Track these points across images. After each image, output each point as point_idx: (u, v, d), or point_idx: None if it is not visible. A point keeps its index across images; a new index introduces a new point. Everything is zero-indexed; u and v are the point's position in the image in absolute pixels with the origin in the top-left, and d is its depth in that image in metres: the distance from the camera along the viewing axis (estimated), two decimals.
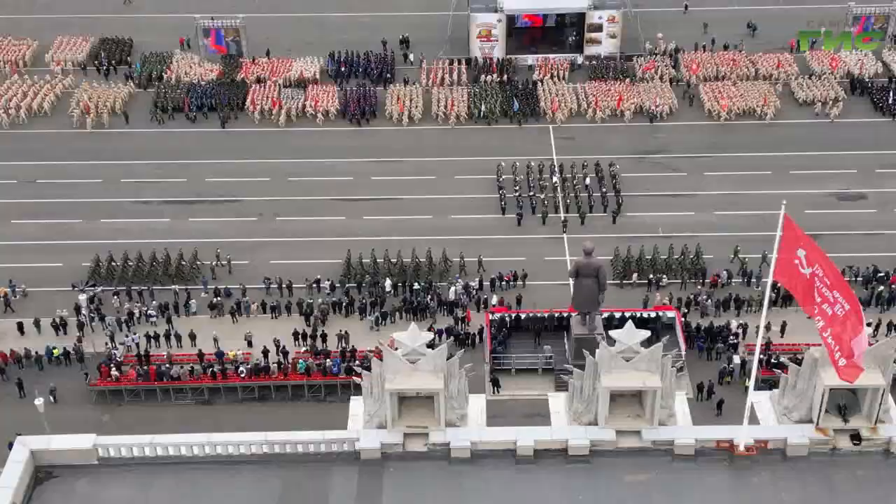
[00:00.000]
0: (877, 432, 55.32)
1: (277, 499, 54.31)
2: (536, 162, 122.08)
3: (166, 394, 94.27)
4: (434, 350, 54.32)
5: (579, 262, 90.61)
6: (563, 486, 55.10)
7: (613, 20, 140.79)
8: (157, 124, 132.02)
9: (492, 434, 56.25)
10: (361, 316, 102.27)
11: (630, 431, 56.05)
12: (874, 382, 53.68)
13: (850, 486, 54.66)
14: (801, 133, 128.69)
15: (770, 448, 55.80)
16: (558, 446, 55.90)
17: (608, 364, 54.39)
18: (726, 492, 54.75)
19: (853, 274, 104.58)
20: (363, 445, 55.41)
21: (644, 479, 55.03)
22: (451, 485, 54.98)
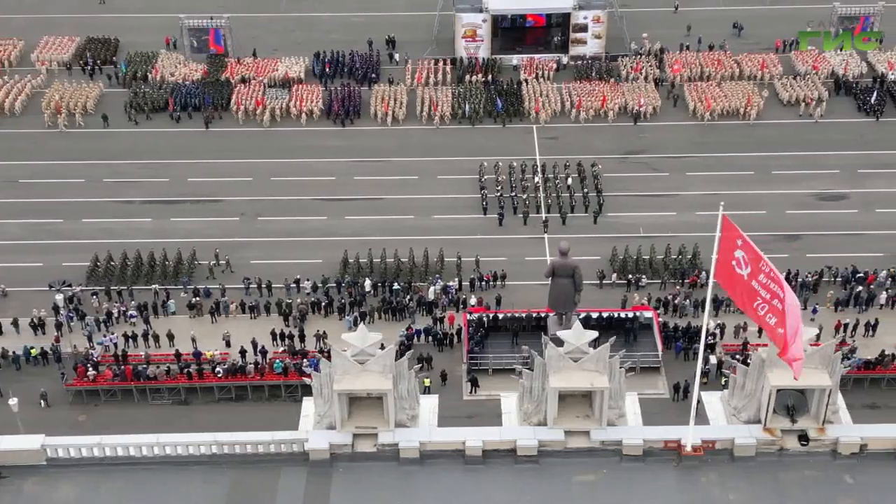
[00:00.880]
0: (824, 433, 55.35)
1: (225, 500, 54.30)
2: (519, 162, 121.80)
3: (143, 394, 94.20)
4: (383, 351, 54.14)
5: (555, 262, 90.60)
6: (511, 487, 55.20)
7: (598, 20, 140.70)
8: (134, 124, 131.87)
9: (440, 435, 56.27)
10: (340, 316, 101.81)
11: (579, 431, 56.05)
12: (820, 383, 53.63)
13: (798, 486, 54.69)
14: (784, 133, 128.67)
15: (718, 448, 55.75)
16: (507, 446, 55.77)
17: (556, 364, 54.35)
18: (674, 492, 54.76)
19: (832, 274, 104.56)
20: (312, 446, 55.46)
21: (592, 479, 55.13)
22: (399, 485, 55.01)
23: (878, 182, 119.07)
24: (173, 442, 55.52)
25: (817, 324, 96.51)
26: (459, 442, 55.85)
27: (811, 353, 53.81)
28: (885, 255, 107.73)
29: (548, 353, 54.91)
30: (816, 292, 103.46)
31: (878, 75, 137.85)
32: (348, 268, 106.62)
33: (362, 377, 54.09)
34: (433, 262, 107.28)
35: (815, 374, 53.72)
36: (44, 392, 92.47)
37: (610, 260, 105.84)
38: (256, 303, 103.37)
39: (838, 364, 54.53)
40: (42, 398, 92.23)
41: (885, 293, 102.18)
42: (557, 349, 54.84)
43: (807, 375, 53.71)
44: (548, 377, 54.91)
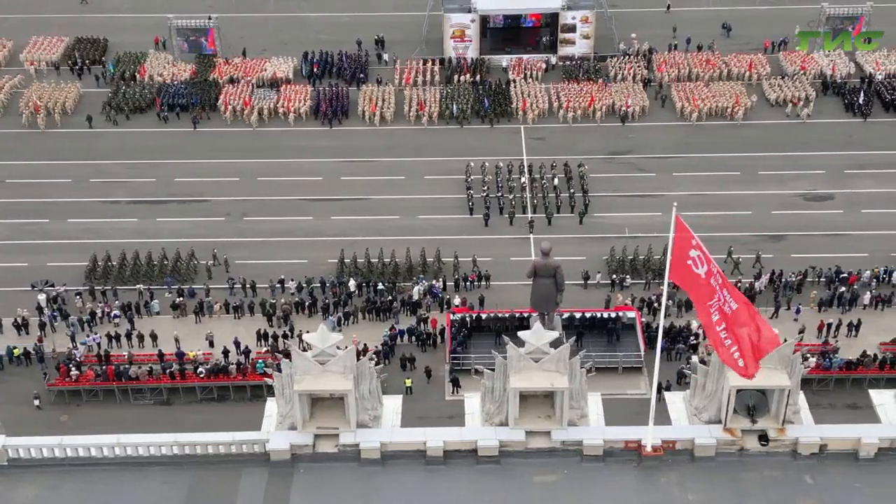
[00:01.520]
0: (784, 433, 55.25)
1: (184, 500, 54.29)
2: (505, 162, 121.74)
3: (125, 394, 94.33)
4: (343, 351, 54.16)
5: (537, 262, 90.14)
6: (472, 487, 55.17)
7: (587, 21, 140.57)
8: (113, 124, 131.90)
9: (402, 435, 56.22)
10: (324, 316, 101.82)
11: (540, 432, 55.97)
12: (780, 383, 53.62)
13: (758, 486, 54.64)
14: (771, 133, 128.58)
15: (679, 448, 55.69)
16: (468, 447, 55.76)
17: (517, 365, 54.36)
18: (634, 492, 54.71)
19: (816, 275, 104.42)
20: (273, 447, 55.41)
21: (553, 479, 55.07)
22: (360, 486, 55.02)
23: (864, 182, 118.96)
24: (134, 443, 55.55)
25: (801, 324, 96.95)
26: (421, 442, 55.71)
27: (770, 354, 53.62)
28: (870, 255, 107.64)
29: (509, 354, 54.86)
30: (800, 292, 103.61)
31: (867, 75, 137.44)
32: (345, 268, 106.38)
33: (323, 378, 54.09)
34: (430, 263, 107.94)
35: (774, 375, 53.66)
36: (37, 393, 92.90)
37: (607, 260, 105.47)
38: (241, 303, 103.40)
39: (798, 364, 54.43)
40: (36, 398, 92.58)
41: (869, 293, 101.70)
42: (518, 350, 54.79)
43: (766, 376, 53.63)
44: (508, 378, 54.70)
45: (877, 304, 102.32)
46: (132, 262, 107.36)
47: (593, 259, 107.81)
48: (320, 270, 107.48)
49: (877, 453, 55.89)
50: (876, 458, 55.89)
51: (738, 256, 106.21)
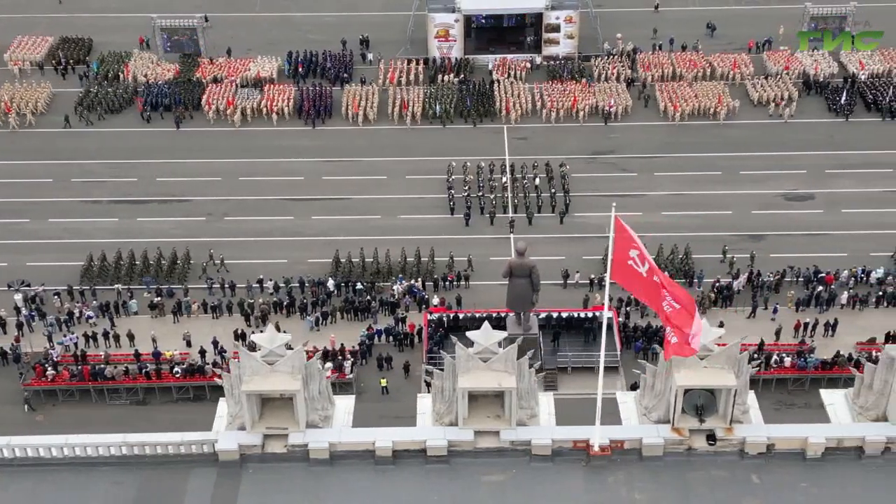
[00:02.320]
0: (732, 433, 55.37)
1: (133, 501, 54.37)
2: (487, 162, 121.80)
3: (101, 394, 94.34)
4: (292, 352, 54.26)
5: (512, 262, 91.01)
6: (420, 487, 55.28)
7: (571, 20, 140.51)
8: (87, 125, 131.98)
9: (351, 435, 56.30)
10: (303, 316, 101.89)
11: (489, 432, 56.03)
12: (726, 383, 53.67)
13: (705, 486, 54.76)
14: (754, 133, 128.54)
15: (627, 448, 55.78)
16: (418, 447, 55.83)
17: (465, 365, 54.44)
18: (582, 492, 54.82)
19: (794, 274, 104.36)
20: (221, 447, 55.50)
21: (501, 479, 55.17)
22: (308, 486, 55.15)
23: (845, 182, 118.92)
24: (82, 443, 55.62)
25: (777, 323, 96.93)
26: (370, 443, 55.78)
27: (717, 354, 53.82)
28: (849, 255, 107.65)
29: (457, 354, 54.94)
30: (778, 292, 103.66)
31: (850, 75, 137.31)
32: (340, 267, 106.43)
33: (271, 378, 54.17)
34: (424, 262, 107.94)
35: (721, 375, 53.72)
36: (27, 396, 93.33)
37: (603, 259, 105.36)
38: (219, 303, 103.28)
39: (745, 364, 54.50)
40: (26, 402, 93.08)
41: (846, 293, 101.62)
42: (466, 350, 54.87)
43: (713, 375, 53.73)
44: (457, 377, 54.77)
45: (854, 303, 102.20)
46: (128, 261, 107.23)
47: (573, 259, 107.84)
48: (300, 270, 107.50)
49: (824, 453, 55.86)
50: (823, 458, 56.00)
51: (732, 256, 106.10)
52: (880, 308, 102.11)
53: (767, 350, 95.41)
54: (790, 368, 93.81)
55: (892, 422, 56.33)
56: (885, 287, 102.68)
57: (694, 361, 53.69)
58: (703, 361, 54.05)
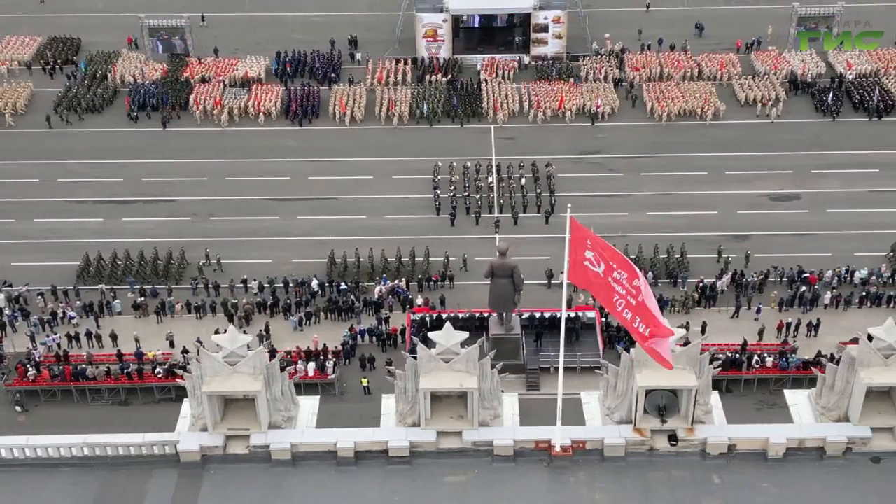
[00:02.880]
0: (693, 433, 55.34)
1: (92, 502, 54.29)
2: (473, 162, 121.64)
3: (83, 394, 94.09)
4: (253, 352, 54.20)
5: (494, 262, 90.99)
6: (382, 488, 55.29)
7: (559, 20, 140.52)
8: (66, 124, 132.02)
9: (313, 436, 56.28)
10: (286, 316, 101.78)
11: (452, 432, 55.98)
12: (687, 383, 53.61)
13: (665, 486, 54.77)
14: (741, 133, 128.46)
15: (589, 448, 55.75)
16: (379, 447, 55.79)
17: (427, 366, 54.41)
18: (543, 492, 54.81)
19: (778, 274, 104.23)
20: (183, 448, 55.46)
21: (463, 479, 55.14)
22: (270, 487, 55.06)
23: (830, 182, 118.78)
24: (43, 444, 55.60)
25: (761, 323, 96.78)
26: (332, 443, 55.73)
27: (678, 354, 53.72)
28: (834, 255, 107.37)
29: (419, 355, 54.91)
30: (762, 292, 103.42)
31: (837, 75, 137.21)
32: (335, 267, 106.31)
33: (232, 379, 54.15)
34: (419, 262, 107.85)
35: (682, 375, 53.63)
36: (18, 398, 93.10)
37: None
38: (203, 303, 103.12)
39: (706, 365, 54.40)
40: (17, 404, 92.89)
41: (830, 293, 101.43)
42: (428, 350, 54.84)
43: (674, 376, 53.67)
44: (419, 378, 54.74)
45: (837, 303, 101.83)
46: (123, 261, 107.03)
47: (558, 259, 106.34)
48: (284, 270, 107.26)
49: (786, 453, 55.79)
50: (784, 459, 55.97)
51: (727, 256, 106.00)
52: (863, 308, 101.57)
53: (750, 350, 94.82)
54: (772, 368, 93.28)
55: (853, 422, 56.24)
56: (868, 287, 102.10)
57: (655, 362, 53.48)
58: None
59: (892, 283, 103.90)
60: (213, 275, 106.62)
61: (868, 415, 56.14)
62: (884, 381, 54.97)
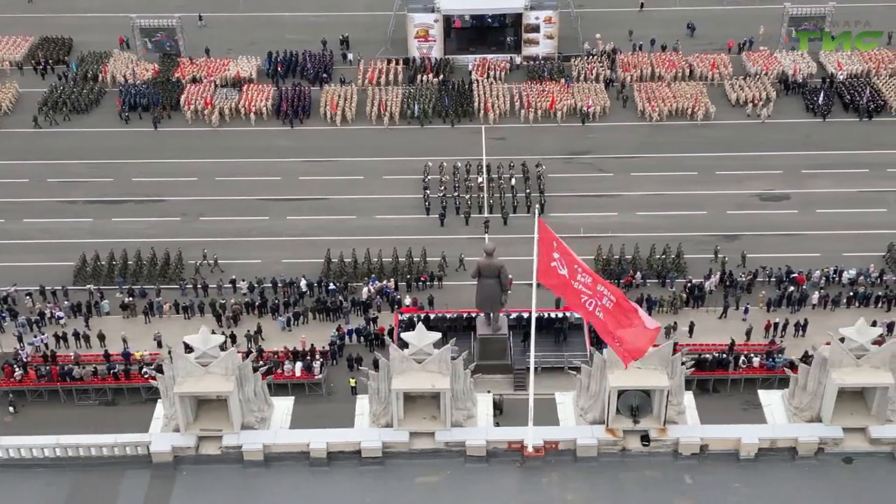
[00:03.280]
0: (665, 433, 55.31)
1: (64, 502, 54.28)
2: (464, 162, 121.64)
3: (70, 395, 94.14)
4: (224, 353, 54.20)
5: (481, 262, 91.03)
6: (354, 488, 55.26)
7: (550, 21, 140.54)
8: (51, 124, 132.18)
9: (285, 437, 56.26)
10: (274, 316, 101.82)
11: (424, 433, 55.97)
12: (658, 384, 53.61)
13: (637, 486, 54.78)
14: (731, 134, 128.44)
15: (562, 449, 55.73)
16: (352, 448, 55.81)
17: (399, 366, 54.41)
18: (515, 492, 54.79)
19: (766, 275, 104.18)
20: (155, 449, 55.45)
21: (435, 480, 55.10)
22: (242, 487, 55.10)
23: (820, 182, 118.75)
24: (16, 444, 55.58)
25: (748, 324, 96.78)
26: (304, 444, 55.73)
27: (650, 354, 53.69)
28: (823, 255, 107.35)
29: (391, 355, 54.90)
30: (750, 292, 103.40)
31: (828, 75, 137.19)
32: (331, 267, 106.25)
33: (204, 379, 54.16)
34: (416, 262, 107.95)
35: (654, 375, 53.61)
36: (11, 400, 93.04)
37: (595, 259, 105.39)
38: (191, 303, 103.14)
39: (678, 365, 54.38)
40: (10, 405, 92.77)
41: (818, 293, 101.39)
42: (400, 351, 54.86)
43: (645, 376, 53.66)
44: (391, 379, 54.75)
45: (825, 303, 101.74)
46: (121, 261, 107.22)
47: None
48: (274, 270, 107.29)
49: (758, 454, 55.77)
50: (757, 459, 55.95)
51: (724, 256, 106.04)
52: (851, 308, 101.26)
53: (737, 350, 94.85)
54: (758, 369, 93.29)
55: (825, 423, 56.19)
56: (856, 287, 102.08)
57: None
58: (637, 362, 53.78)
59: (880, 283, 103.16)
60: (211, 275, 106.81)
61: (841, 415, 56.07)
62: (855, 382, 54.91)
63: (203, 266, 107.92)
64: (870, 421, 56.39)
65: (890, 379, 54.38)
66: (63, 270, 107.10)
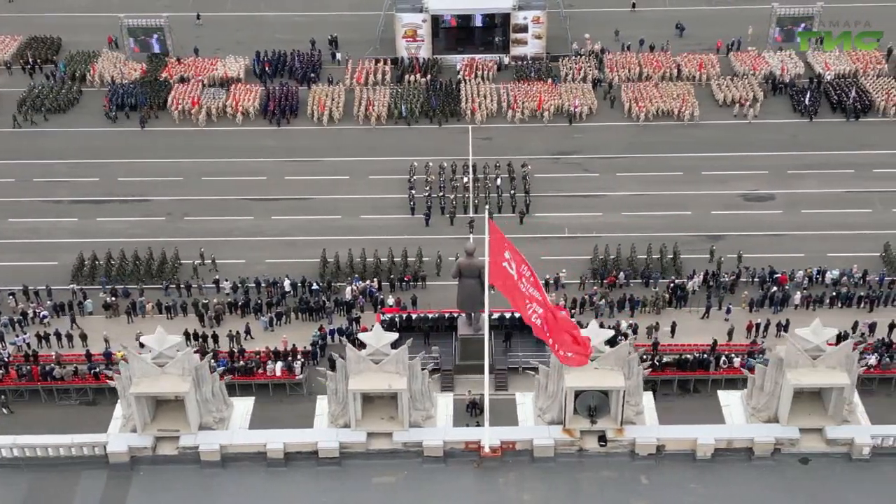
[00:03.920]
0: (622, 434, 55.29)
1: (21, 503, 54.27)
2: (449, 162, 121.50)
3: (51, 394, 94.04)
4: (182, 353, 54.17)
5: (462, 262, 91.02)
6: (311, 489, 55.28)
7: (538, 21, 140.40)
8: (31, 125, 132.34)
9: (242, 437, 56.24)
10: (257, 316, 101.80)
11: (382, 433, 55.93)
12: (615, 384, 53.54)
13: (594, 486, 54.81)
14: (718, 134, 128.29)
15: (520, 449, 55.70)
16: (310, 448, 55.77)
17: (356, 366, 54.37)
18: (472, 493, 54.82)
19: (750, 275, 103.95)
20: (112, 449, 55.45)
21: (392, 480, 55.07)
22: (199, 488, 55.13)
23: (806, 183, 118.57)
24: None
25: (731, 324, 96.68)
26: (261, 444, 55.70)
27: (607, 355, 53.67)
28: (807, 255, 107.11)
29: (348, 356, 54.90)
30: (733, 293, 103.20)
31: (816, 76, 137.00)
32: (327, 267, 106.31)
33: (161, 380, 54.11)
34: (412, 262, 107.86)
35: (610, 376, 53.55)
36: (4, 400, 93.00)
37: (591, 259, 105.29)
38: (173, 303, 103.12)
39: (636, 365, 54.34)
40: (3, 406, 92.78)
41: (800, 294, 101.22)
42: (357, 351, 54.84)
43: (602, 377, 53.61)
44: (348, 379, 54.74)
45: (808, 304, 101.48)
46: (118, 261, 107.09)
47: (532, 259, 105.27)
48: (257, 270, 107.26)
49: (715, 454, 55.70)
50: (713, 459, 55.90)
51: (721, 256, 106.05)
52: (834, 308, 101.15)
53: (719, 351, 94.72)
54: (738, 369, 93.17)
55: (782, 423, 56.09)
56: (839, 288, 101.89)
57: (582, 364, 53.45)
58: (594, 363, 53.80)
59: (863, 284, 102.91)
60: (209, 275, 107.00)
61: (798, 416, 56.05)
62: (810, 383, 54.86)
63: (201, 266, 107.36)
64: (826, 421, 56.33)
65: (845, 379, 54.30)
66: (48, 270, 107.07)
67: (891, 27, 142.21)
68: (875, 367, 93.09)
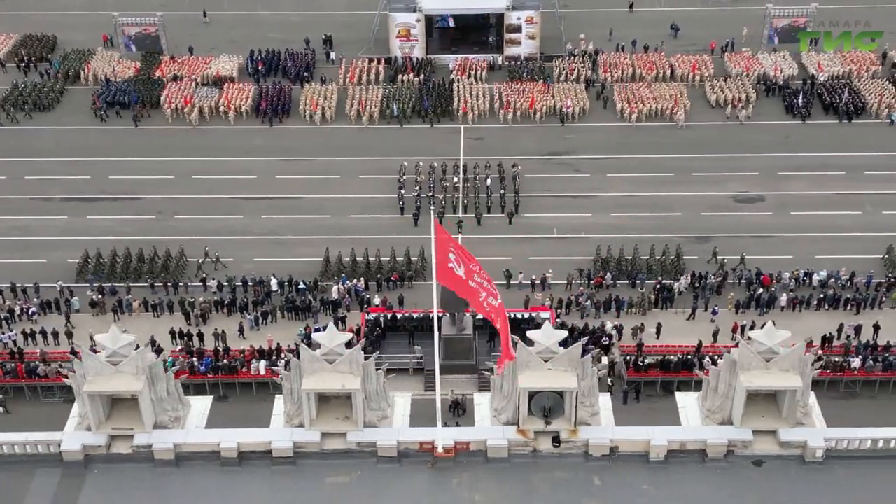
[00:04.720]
0: (576, 435, 55.22)
1: None
2: (440, 162, 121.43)
3: (35, 392, 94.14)
4: (136, 352, 54.20)
5: None
6: (264, 488, 55.34)
7: (532, 21, 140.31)
8: (13, 122, 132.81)
9: (196, 436, 56.27)
10: (243, 314, 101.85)
11: (337, 433, 55.93)
12: (568, 385, 53.46)
13: (548, 487, 54.84)
14: (710, 134, 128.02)
15: (474, 450, 55.68)
16: (263, 448, 55.80)
17: (310, 367, 54.41)
18: (426, 493, 54.82)
19: (737, 276, 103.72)
20: (66, 447, 55.53)
21: (345, 480, 55.10)
22: (153, 487, 55.13)
23: (796, 184, 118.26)
24: None
25: (716, 325, 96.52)
26: (215, 444, 55.71)
27: (560, 356, 53.62)
28: (795, 257, 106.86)
29: (302, 356, 54.89)
30: (720, 294, 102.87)
31: (809, 77, 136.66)
32: (330, 266, 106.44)
33: (115, 379, 54.13)
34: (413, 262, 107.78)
35: (563, 377, 53.46)
36: (2, 400, 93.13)
37: (593, 259, 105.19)
38: (160, 301, 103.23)
39: (590, 366, 54.23)
40: (1, 405, 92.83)
41: (786, 295, 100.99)
42: (311, 352, 54.86)
43: (556, 378, 53.57)
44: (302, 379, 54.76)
45: (794, 306, 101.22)
46: (123, 259, 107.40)
47: (520, 259, 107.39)
48: (245, 269, 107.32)
49: (668, 456, 55.62)
50: (667, 461, 55.83)
51: (722, 257, 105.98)
52: (820, 310, 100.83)
53: (704, 352, 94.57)
54: None
55: (735, 425, 55.96)
56: (826, 290, 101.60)
57: (538, 363, 53.48)
58: (548, 364, 53.73)
59: (850, 286, 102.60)
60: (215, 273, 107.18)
61: (752, 418, 55.91)
62: (763, 385, 54.74)
63: (206, 264, 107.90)
64: (780, 424, 56.19)
65: (798, 382, 54.14)
66: (37, 267, 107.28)
67: (891, 27, 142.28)
68: (859, 370, 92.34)
